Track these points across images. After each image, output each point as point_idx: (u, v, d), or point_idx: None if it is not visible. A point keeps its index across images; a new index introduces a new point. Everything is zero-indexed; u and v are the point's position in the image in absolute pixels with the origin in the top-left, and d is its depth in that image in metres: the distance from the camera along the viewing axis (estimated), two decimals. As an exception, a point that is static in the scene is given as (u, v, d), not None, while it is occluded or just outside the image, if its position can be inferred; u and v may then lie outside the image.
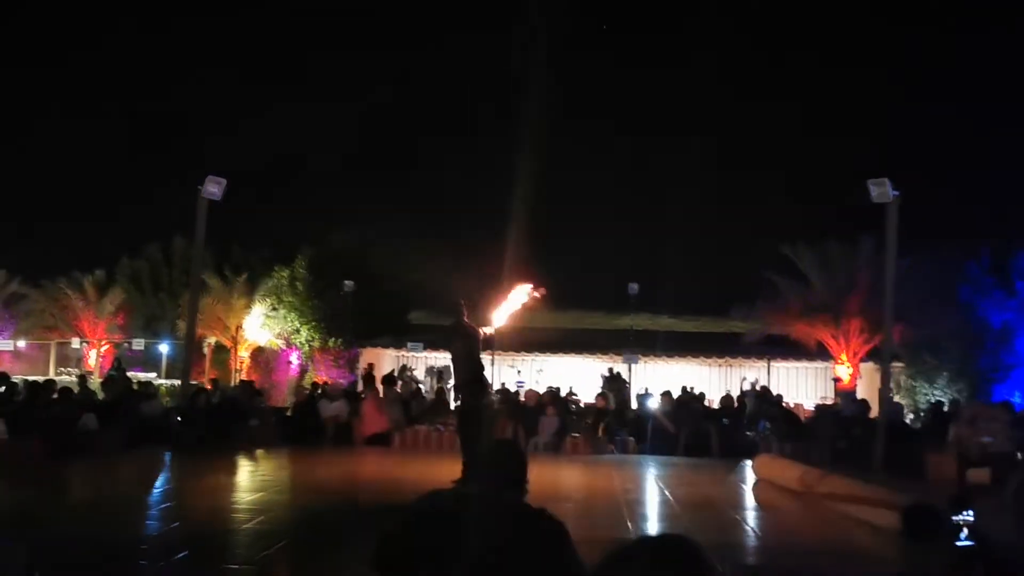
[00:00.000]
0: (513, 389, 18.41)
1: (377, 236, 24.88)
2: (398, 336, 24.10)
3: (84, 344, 28.21)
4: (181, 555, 5.73)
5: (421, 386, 19.69)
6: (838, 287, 20.73)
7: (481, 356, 9.60)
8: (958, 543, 6.26)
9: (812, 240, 21.48)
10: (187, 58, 40.04)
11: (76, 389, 14.93)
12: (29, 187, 34.02)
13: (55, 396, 12.93)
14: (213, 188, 13.57)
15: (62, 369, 27.96)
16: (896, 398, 17.28)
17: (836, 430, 13.37)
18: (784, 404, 16.65)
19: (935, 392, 19.38)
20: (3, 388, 13.42)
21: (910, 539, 6.71)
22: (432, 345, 21.69)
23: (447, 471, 8.51)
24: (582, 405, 16.94)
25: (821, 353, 21.61)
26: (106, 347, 28.54)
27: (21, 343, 28.75)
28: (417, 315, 25.08)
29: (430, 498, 3.04)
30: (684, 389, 17.57)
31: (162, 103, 38.72)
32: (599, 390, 17.22)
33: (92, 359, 28.15)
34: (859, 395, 16.72)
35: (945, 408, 15.01)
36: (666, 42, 38.20)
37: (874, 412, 13.49)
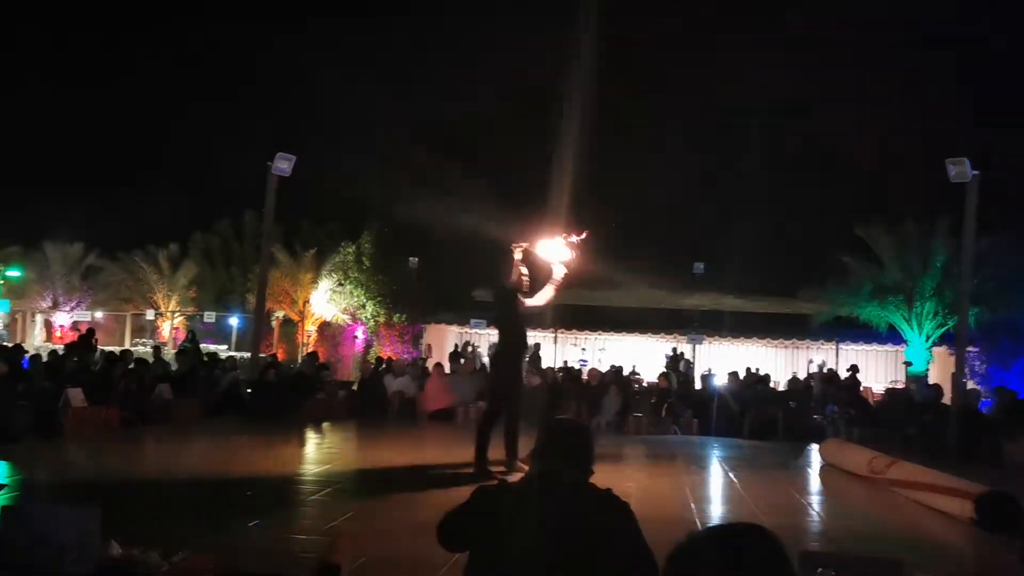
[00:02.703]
0: (576, 367, 18.40)
1: (442, 212, 25.01)
2: (462, 313, 24.26)
3: (158, 316, 29.04)
4: (253, 523, 5.89)
5: (485, 362, 19.79)
6: (912, 268, 20.22)
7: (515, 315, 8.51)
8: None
9: (886, 221, 20.96)
10: (260, 33, 40.61)
11: (151, 360, 15.38)
12: (106, 162, 34.99)
13: (131, 366, 13.35)
14: (283, 164, 13.80)
15: (137, 340, 28.86)
16: (969, 384, 16.83)
17: (907, 416, 13.07)
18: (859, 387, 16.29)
19: (1012, 378, 18.80)
20: (76, 358, 13.87)
21: (985, 529, 6.55)
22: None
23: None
24: (645, 385, 16.85)
25: (892, 336, 21.13)
26: (179, 319, 29.33)
27: (98, 314, 29.75)
28: (481, 292, 25.19)
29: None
30: (748, 371, 17.37)
31: (238, 77, 39.37)
32: (662, 370, 17.11)
33: (166, 331, 28.96)
34: (931, 380, 16.31)
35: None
36: (736, 14, 37.41)
37: (947, 398, 13.14)
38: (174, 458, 9.82)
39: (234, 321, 29.00)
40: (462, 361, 17.39)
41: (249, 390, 14.16)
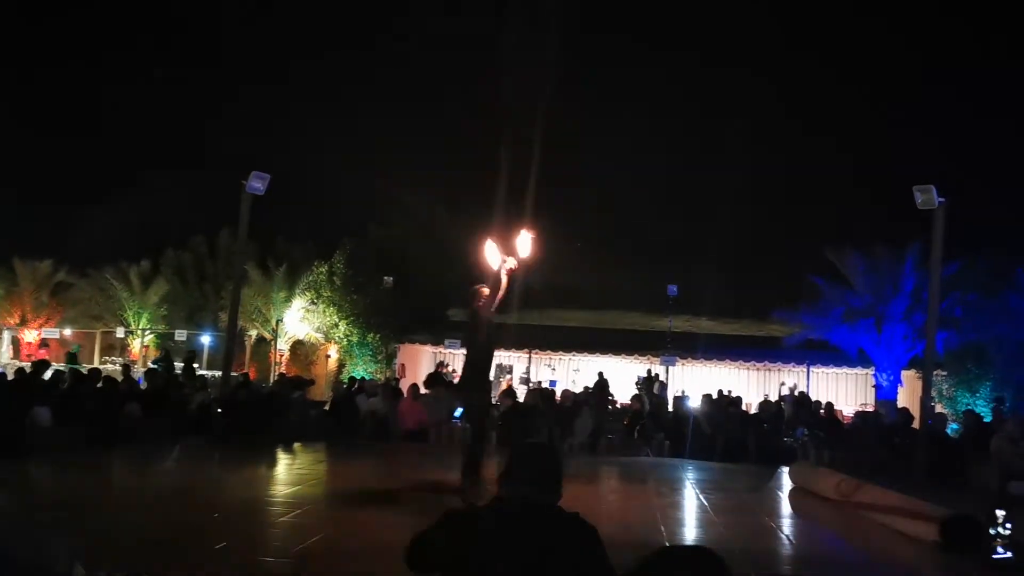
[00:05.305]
0: (548, 386, 18.41)
1: (417, 232, 25.05)
2: (436, 333, 24.21)
3: (128, 334, 28.73)
4: (220, 546, 5.83)
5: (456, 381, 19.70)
6: (882, 292, 20.49)
7: (486, 344, 8.55)
8: (996, 556, 6.18)
9: (857, 245, 21.27)
10: (231, 56, 40.59)
11: (120, 378, 15.19)
12: (77, 177, 34.74)
13: (99, 385, 13.18)
14: (257, 183, 13.75)
15: (106, 358, 28.53)
16: (937, 408, 17.02)
17: (877, 438, 13.19)
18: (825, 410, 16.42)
19: (978, 402, 19.05)
20: (47, 376, 13.70)
21: (949, 551, 6.62)
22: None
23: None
24: (618, 406, 16.88)
25: (862, 359, 21.34)
26: (149, 337, 29.05)
27: (67, 331, 29.39)
28: (456, 312, 25.16)
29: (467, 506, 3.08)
30: (720, 393, 17.45)
31: (213, 96, 39.32)
32: (635, 391, 17.16)
33: (136, 348, 28.65)
34: (900, 403, 16.48)
35: (987, 419, 14.75)
36: (716, 36, 37.93)
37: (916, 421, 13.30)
38: (142, 479, 9.70)
39: (206, 339, 28.76)
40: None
41: (220, 410, 14.03)
